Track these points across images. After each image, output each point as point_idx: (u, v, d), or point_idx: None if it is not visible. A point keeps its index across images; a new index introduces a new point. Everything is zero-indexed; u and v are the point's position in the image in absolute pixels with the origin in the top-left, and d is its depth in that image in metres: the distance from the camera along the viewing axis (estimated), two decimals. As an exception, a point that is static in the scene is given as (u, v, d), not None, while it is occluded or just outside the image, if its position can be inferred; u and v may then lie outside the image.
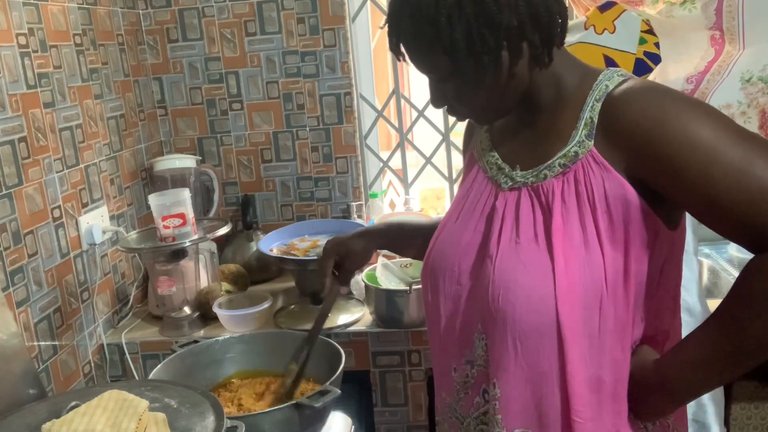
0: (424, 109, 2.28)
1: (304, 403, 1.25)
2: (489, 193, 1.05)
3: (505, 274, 0.96)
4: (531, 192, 0.99)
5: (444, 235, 1.09)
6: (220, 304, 1.82)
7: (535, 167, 0.99)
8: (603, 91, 0.95)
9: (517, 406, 0.96)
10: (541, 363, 0.94)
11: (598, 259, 0.92)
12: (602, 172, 0.92)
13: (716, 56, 1.84)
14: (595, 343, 0.92)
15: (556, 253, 0.92)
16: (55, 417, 1.03)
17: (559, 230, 0.93)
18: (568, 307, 0.91)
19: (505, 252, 0.97)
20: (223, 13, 2.16)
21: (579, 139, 0.95)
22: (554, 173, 0.96)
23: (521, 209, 0.99)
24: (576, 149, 0.95)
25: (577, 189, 0.94)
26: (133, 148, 2.08)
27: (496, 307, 0.95)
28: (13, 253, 1.51)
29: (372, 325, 1.78)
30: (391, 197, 2.51)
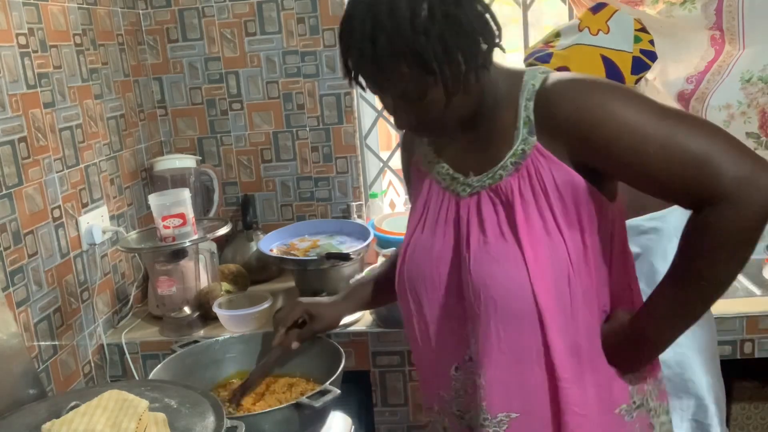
0: (424, 109, 2.28)
1: (304, 403, 1.26)
2: (449, 203, 1.10)
3: (480, 272, 1.03)
4: (490, 193, 1.05)
5: (414, 247, 1.14)
6: (220, 304, 1.82)
7: (489, 170, 1.05)
8: (531, 90, 1.02)
9: (500, 390, 1.04)
10: (523, 344, 1.02)
11: (559, 241, 1.00)
12: (549, 163, 1.00)
13: (716, 56, 1.84)
14: (569, 315, 1.02)
15: (524, 243, 1.00)
16: (55, 417, 1.04)
17: (523, 223, 1.01)
18: (542, 289, 1.00)
19: (477, 253, 1.04)
20: (223, 13, 2.16)
21: (522, 137, 1.02)
22: (508, 172, 1.03)
23: (483, 211, 1.05)
24: (522, 147, 1.02)
25: (531, 182, 1.01)
26: (133, 148, 2.08)
27: (478, 304, 1.03)
28: (13, 253, 1.51)
29: (372, 325, 1.78)
30: (391, 197, 2.51)
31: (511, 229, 1.02)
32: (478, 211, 1.06)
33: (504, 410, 1.04)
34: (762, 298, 1.83)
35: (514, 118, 1.03)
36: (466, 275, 1.05)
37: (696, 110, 1.84)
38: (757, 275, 1.95)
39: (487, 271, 1.02)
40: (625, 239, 1.11)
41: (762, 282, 1.91)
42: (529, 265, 1.00)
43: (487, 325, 1.03)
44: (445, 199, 1.11)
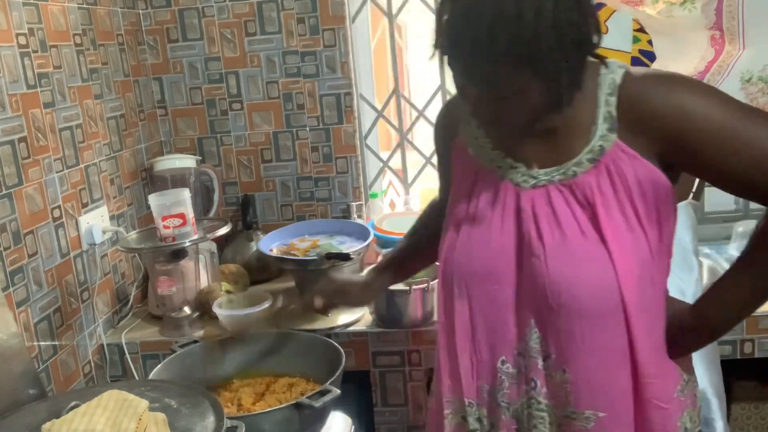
0: (424, 109, 2.28)
1: (304, 403, 1.26)
2: (507, 193, 1.06)
3: (561, 271, 1.00)
4: (561, 188, 1.02)
5: (466, 238, 1.10)
6: (220, 304, 1.82)
7: (560, 164, 1.03)
8: (612, 85, 1.00)
9: (586, 389, 1.03)
10: (609, 344, 1.01)
11: (642, 238, 1.00)
12: (631, 160, 0.99)
13: (716, 56, 1.84)
14: (652, 312, 1.03)
15: (609, 242, 0.99)
16: (55, 417, 1.04)
17: (606, 220, 0.99)
18: (628, 289, 0.99)
19: (554, 250, 1.01)
20: (223, 13, 2.16)
21: (601, 133, 1.00)
22: (584, 168, 1.01)
23: (556, 206, 1.02)
24: (601, 143, 1.00)
25: (611, 179, 0.99)
26: (133, 148, 2.08)
27: (559, 302, 1.00)
28: (13, 253, 1.51)
29: (372, 325, 1.78)
30: (391, 197, 2.51)
31: (594, 226, 1.00)
32: (548, 205, 1.03)
33: (590, 408, 1.03)
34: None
35: (591, 113, 1.01)
36: (536, 270, 1.02)
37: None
38: (757, 275, 1.94)
39: (569, 270, 1.00)
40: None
41: (762, 282, 1.91)
42: (616, 265, 0.98)
43: (569, 323, 1.01)
44: (501, 188, 1.07)
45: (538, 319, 1.04)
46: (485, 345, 1.09)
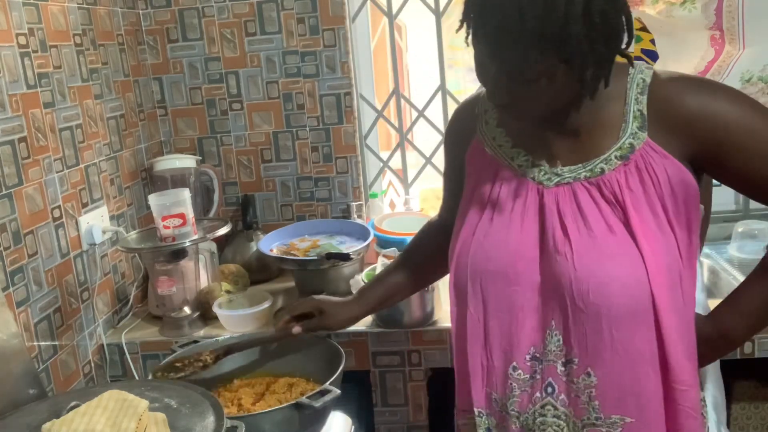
0: (424, 109, 2.28)
1: (304, 403, 1.26)
2: (529, 191, 1.04)
3: (589, 268, 0.97)
4: (587, 185, 1.00)
5: (482, 238, 1.06)
6: (220, 304, 1.82)
7: (585, 162, 1.01)
8: (642, 84, 1.00)
9: (614, 392, 0.99)
10: (638, 346, 0.98)
11: (671, 239, 0.99)
12: (662, 159, 0.98)
13: (716, 56, 1.84)
14: (683, 315, 1.00)
15: (640, 240, 0.97)
16: (55, 417, 1.04)
17: (635, 217, 0.97)
18: (659, 289, 0.96)
19: (581, 247, 0.99)
20: (223, 13, 2.16)
21: (631, 131, 1.00)
22: (612, 166, 0.99)
23: (582, 203, 1.00)
24: (630, 141, 0.99)
25: (641, 177, 0.98)
26: (133, 148, 2.08)
27: (587, 301, 0.97)
28: (13, 253, 1.51)
29: (372, 325, 1.78)
30: (391, 197, 2.51)
31: (623, 223, 0.98)
32: (574, 203, 1.01)
33: (618, 413, 1.00)
34: (762, 298, 1.82)
35: (620, 112, 1.00)
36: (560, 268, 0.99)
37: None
38: (757, 275, 1.94)
39: (598, 267, 0.97)
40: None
41: (762, 282, 1.90)
42: (647, 263, 0.96)
43: (598, 323, 0.98)
44: (523, 187, 1.05)
45: (560, 320, 1.00)
46: (498, 350, 1.05)
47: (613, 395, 0.99)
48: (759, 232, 2.10)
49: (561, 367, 1.01)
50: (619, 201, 0.98)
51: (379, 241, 2.07)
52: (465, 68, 3.50)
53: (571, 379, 1.01)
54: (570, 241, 0.99)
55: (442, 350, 1.73)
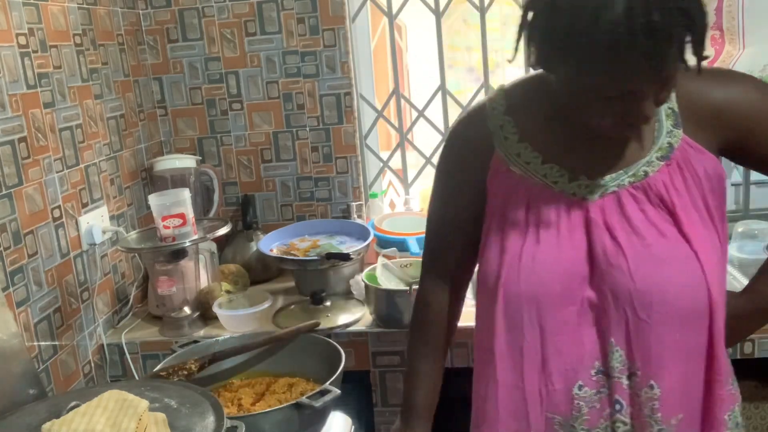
0: (424, 109, 2.28)
1: (304, 403, 1.26)
2: (572, 208, 1.00)
3: (649, 277, 0.96)
4: (634, 192, 0.99)
5: (531, 263, 1.01)
6: (220, 304, 1.82)
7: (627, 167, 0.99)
8: None
9: (675, 397, 0.99)
10: (696, 348, 0.98)
11: (715, 234, 0.99)
12: (699, 154, 0.98)
13: (716, 56, 1.84)
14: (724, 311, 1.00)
15: (692, 240, 0.96)
16: (55, 417, 1.04)
17: (684, 218, 0.97)
18: (714, 287, 0.96)
19: (637, 257, 0.96)
20: (223, 13, 2.16)
21: (667, 129, 0.99)
22: (655, 168, 0.99)
23: (628, 211, 0.98)
24: (668, 140, 0.99)
25: (683, 176, 0.98)
26: (133, 148, 2.08)
27: (649, 312, 0.96)
28: (13, 253, 1.51)
29: (372, 325, 1.78)
30: (391, 197, 2.51)
31: (673, 226, 0.97)
32: (620, 211, 0.98)
33: (675, 414, 0.99)
34: (762, 298, 1.82)
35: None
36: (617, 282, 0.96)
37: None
38: (757, 275, 1.95)
39: (657, 275, 0.96)
40: None
41: (762, 282, 1.91)
42: (702, 261, 0.95)
43: (661, 332, 0.96)
44: (562, 204, 1.00)
45: (621, 335, 0.98)
46: (558, 373, 1.01)
47: (673, 402, 0.98)
48: (759, 232, 2.10)
49: (626, 381, 1.00)
50: (666, 203, 0.98)
51: (379, 241, 2.07)
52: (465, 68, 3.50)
53: (635, 392, 0.99)
54: (624, 253, 0.97)
55: (442, 350, 1.73)
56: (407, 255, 1.95)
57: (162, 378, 1.37)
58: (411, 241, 1.99)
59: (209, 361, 1.46)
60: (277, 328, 1.75)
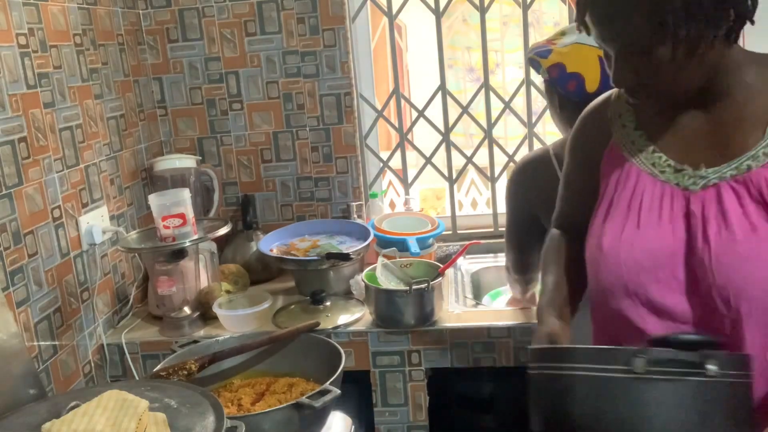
0: (424, 109, 2.28)
1: (304, 403, 1.26)
2: (674, 197, 1.02)
3: (728, 273, 0.95)
4: (733, 184, 0.98)
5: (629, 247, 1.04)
6: (220, 304, 1.82)
7: (731, 160, 0.99)
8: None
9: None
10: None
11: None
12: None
13: (716, 56, 1.83)
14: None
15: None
16: (55, 417, 1.04)
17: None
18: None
19: (719, 250, 0.96)
20: (223, 13, 2.16)
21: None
22: (760, 163, 0.97)
23: (726, 204, 0.98)
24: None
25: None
26: (133, 148, 2.08)
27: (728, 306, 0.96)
28: (13, 253, 1.51)
29: (372, 325, 1.78)
30: (391, 197, 2.51)
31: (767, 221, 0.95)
32: (718, 203, 0.98)
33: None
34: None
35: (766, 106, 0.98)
36: (701, 275, 0.98)
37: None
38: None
39: (738, 273, 0.95)
40: None
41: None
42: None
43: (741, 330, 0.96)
44: (666, 193, 1.03)
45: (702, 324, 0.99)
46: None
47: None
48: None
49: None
50: (765, 199, 0.96)
51: (379, 241, 2.07)
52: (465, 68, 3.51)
53: None
54: (709, 248, 0.97)
55: (442, 350, 1.73)
56: (407, 255, 1.95)
57: (162, 378, 1.37)
58: (411, 241, 1.99)
59: (209, 361, 1.45)
60: (277, 328, 1.75)
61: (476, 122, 2.30)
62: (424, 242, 2.05)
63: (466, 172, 2.46)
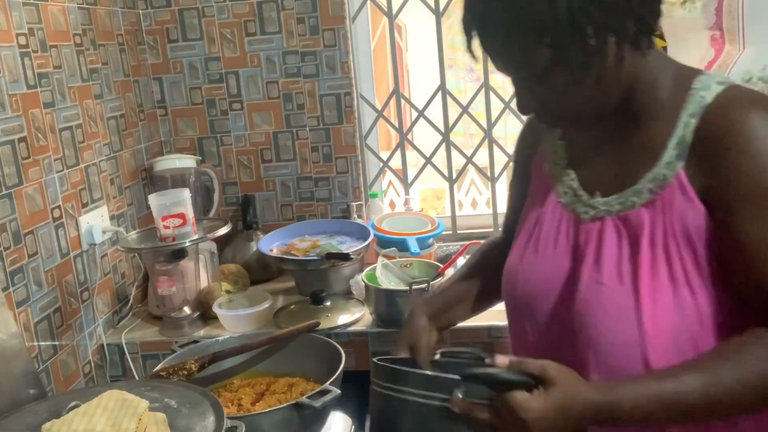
0: (424, 109, 2.28)
1: (304, 403, 1.26)
2: (567, 225, 0.98)
3: (585, 317, 0.90)
4: (618, 222, 0.91)
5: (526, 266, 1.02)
6: (220, 304, 1.82)
7: (621, 192, 0.92)
8: (698, 104, 0.87)
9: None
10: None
11: (686, 295, 0.86)
12: (686, 201, 0.86)
13: (716, 56, 1.84)
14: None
15: (643, 294, 0.86)
16: (55, 417, 1.04)
17: (647, 269, 0.87)
18: (658, 352, 0.85)
19: (585, 294, 0.91)
20: (223, 13, 2.16)
21: (668, 159, 0.88)
22: (643, 200, 0.89)
23: (605, 243, 0.92)
24: (665, 172, 0.88)
25: (665, 220, 0.87)
26: (133, 148, 2.08)
27: (581, 356, 0.91)
28: (13, 253, 1.51)
29: (372, 325, 1.78)
30: (391, 197, 2.51)
31: (633, 272, 0.88)
32: (598, 241, 0.92)
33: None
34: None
35: (667, 134, 0.88)
36: (565, 317, 0.94)
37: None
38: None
39: (592, 319, 0.90)
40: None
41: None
42: (644, 322, 0.85)
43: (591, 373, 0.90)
44: (563, 220, 0.98)
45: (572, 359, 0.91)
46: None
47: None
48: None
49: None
50: (638, 243, 0.88)
51: (379, 241, 2.07)
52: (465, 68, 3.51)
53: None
54: (578, 287, 0.92)
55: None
56: (407, 255, 1.95)
57: (162, 378, 1.37)
58: (411, 241, 1.99)
59: (209, 361, 1.45)
60: (277, 328, 1.75)
61: (476, 122, 2.30)
62: (424, 242, 2.05)
63: (466, 172, 2.46)
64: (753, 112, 0.83)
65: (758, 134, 0.82)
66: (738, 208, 0.83)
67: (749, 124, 0.82)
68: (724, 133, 0.83)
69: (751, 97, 0.86)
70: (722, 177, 0.84)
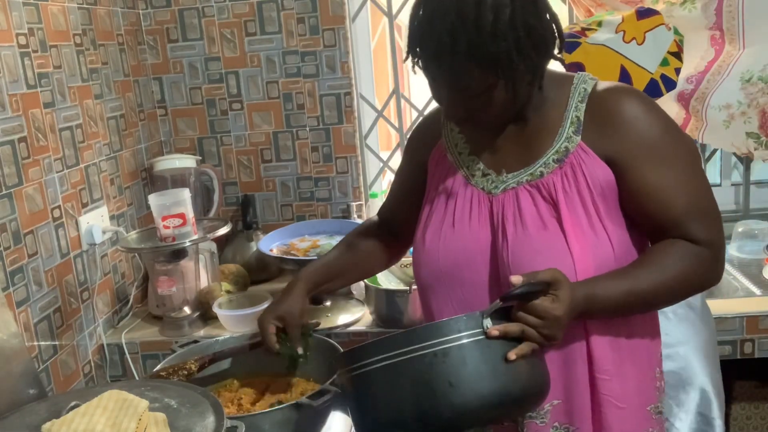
0: (424, 109, 2.28)
1: (304, 403, 1.26)
2: (480, 200, 1.13)
3: (521, 262, 1.05)
4: (530, 188, 1.08)
5: (445, 241, 1.14)
6: (220, 304, 1.82)
7: (527, 166, 1.10)
8: (583, 93, 1.09)
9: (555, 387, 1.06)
10: (566, 337, 1.03)
11: (604, 238, 1.05)
12: (592, 161, 1.06)
13: (716, 56, 1.84)
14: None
15: (569, 235, 1.04)
16: (55, 417, 1.04)
17: (567, 217, 1.05)
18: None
19: (515, 245, 1.06)
20: (223, 13, 2.16)
21: (567, 135, 1.08)
22: (550, 169, 1.08)
23: (522, 203, 1.08)
24: (566, 144, 1.08)
25: (575, 179, 1.06)
26: (133, 148, 2.08)
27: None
28: (13, 253, 1.51)
29: (372, 325, 1.78)
30: (391, 197, 2.50)
31: (557, 222, 1.05)
32: (515, 205, 1.08)
33: (548, 400, 1.06)
34: (762, 298, 1.83)
35: (561, 117, 1.09)
36: (501, 267, 1.07)
37: (696, 110, 1.84)
38: (757, 275, 1.95)
39: (528, 260, 1.04)
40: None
41: (762, 282, 1.91)
42: (574, 257, 1.03)
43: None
44: (474, 197, 1.13)
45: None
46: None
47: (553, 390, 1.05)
48: (759, 232, 2.10)
49: None
50: (555, 201, 1.06)
51: (379, 241, 2.07)
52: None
53: None
54: (507, 242, 1.07)
55: (442, 350, 1.73)
56: (407, 255, 1.95)
57: (162, 378, 1.37)
58: (411, 241, 1.99)
59: (209, 361, 1.45)
60: (277, 328, 1.75)
61: (476, 122, 2.29)
62: (424, 242, 2.05)
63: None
64: (624, 94, 1.08)
65: (632, 107, 1.06)
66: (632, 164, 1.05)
67: (626, 101, 1.06)
68: (609, 109, 1.06)
69: (618, 85, 1.12)
70: (615, 142, 1.05)
